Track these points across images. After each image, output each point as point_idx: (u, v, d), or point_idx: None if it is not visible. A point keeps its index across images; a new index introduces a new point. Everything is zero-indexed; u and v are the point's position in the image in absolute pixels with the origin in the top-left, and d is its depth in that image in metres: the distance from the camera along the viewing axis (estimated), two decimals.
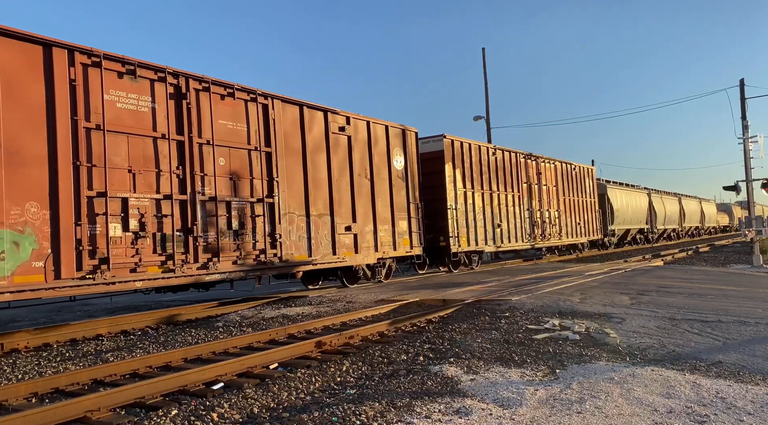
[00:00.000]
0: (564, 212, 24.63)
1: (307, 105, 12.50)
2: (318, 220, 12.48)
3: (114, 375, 6.29)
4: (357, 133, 14.01)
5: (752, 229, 23.09)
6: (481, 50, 32.77)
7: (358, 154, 13.96)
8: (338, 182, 13.20)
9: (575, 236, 25.60)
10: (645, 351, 6.62)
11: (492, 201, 19.53)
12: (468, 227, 18.03)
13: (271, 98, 11.66)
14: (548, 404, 4.74)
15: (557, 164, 24.52)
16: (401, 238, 15.08)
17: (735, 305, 10.06)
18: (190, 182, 9.95)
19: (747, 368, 5.84)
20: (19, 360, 7.47)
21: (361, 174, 13.99)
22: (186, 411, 4.89)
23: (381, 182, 14.63)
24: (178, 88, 10.03)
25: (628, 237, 34.45)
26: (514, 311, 9.36)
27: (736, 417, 4.40)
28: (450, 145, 17.68)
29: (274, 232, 11.30)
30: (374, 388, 5.35)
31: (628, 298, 10.79)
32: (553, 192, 23.96)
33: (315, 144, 12.66)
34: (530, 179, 22.23)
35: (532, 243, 21.91)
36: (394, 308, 10.53)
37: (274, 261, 11.24)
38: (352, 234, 13.43)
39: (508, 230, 20.27)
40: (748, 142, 23.75)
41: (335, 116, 13.34)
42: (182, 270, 9.57)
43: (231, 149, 10.77)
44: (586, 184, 27.17)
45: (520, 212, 21.12)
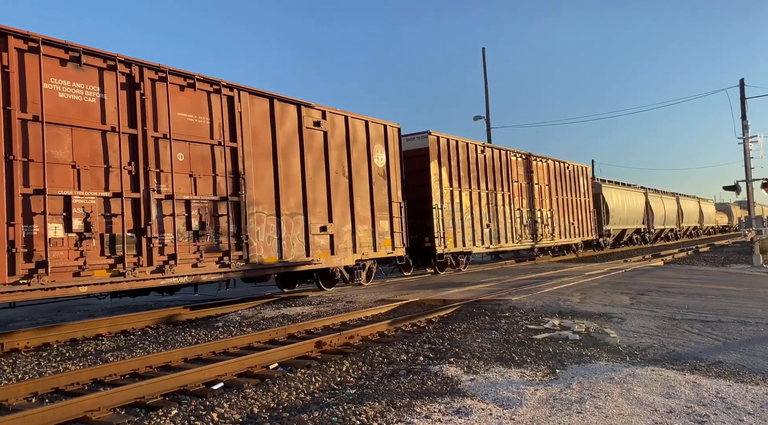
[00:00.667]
0: (557, 211, 24.00)
1: (278, 98, 11.80)
2: (290, 220, 11.78)
3: (114, 375, 6.29)
4: (334, 128, 13.30)
5: (752, 229, 23.08)
6: (481, 50, 32.77)
7: (336, 150, 13.27)
8: (313, 180, 12.50)
9: (569, 236, 24.98)
10: (645, 350, 6.62)
11: (481, 201, 18.94)
12: (455, 228, 17.41)
13: (237, 90, 10.97)
14: (548, 404, 4.74)
15: (550, 163, 23.91)
16: (382, 239, 14.41)
17: (735, 305, 10.06)
18: (143, 178, 9.24)
19: (747, 368, 5.84)
20: (19, 360, 7.47)
21: (339, 171, 13.30)
22: (186, 411, 4.89)
23: (360, 179, 13.94)
24: (131, 77, 9.29)
25: (624, 237, 33.98)
26: (514, 311, 9.36)
27: (736, 417, 4.40)
28: (435, 142, 17.10)
29: (239, 232, 10.63)
30: (374, 388, 5.35)
31: (628, 298, 10.79)
32: (546, 191, 23.35)
33: (287, 139, 11.98)
34: (522, 178, 21.67)
35: (523, 244, 21.33)
36: (394, 308, 10.53)
37: (240, 264, 10.59)
38: (328, 235, 12.75)
39: (497, 231, 19.69)
40: (748, 142, 23.75)
41: (310, 110, 12.63)
42: (134, 274, 8.87)
43: (191, 144, 10.06)
44: (580, 183, 26.59)
45: (510, 211, 20.58)
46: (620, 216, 31.74)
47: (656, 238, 40.09)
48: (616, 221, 31.06)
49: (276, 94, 11.79)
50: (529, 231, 21.78)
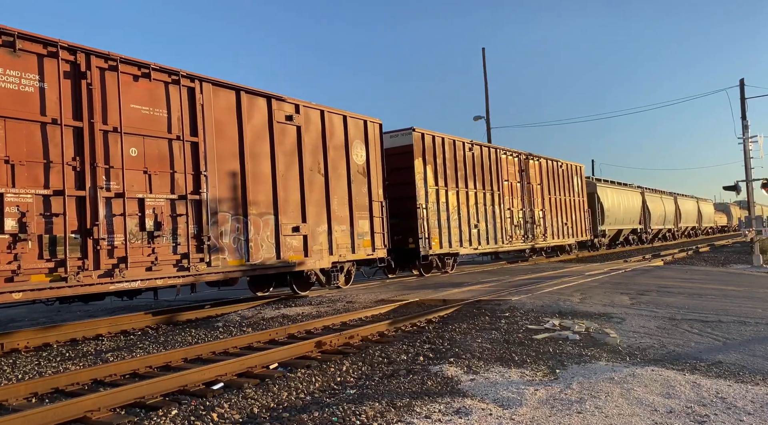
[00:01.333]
0: (550, 211, 23.45)
1: (245, 90, 11.09)
2: (258, 220, 11.05)
3: (114, 375, 6.29)
4: (309, 123, 12.54)
5: (752, 229, 23.08)
6: (481, 50, 32.77)
7: (310, 146, 12.50)
8: (285, 178, 11.75)
9: (562, 236, 24.40)
10: (645, 351, 6.62)
11: (469, 200, 18.30)
12: (440, 228, 16.76)
13: (199, 81, 10.24)
14: (548, 404, 4.74)
15: (543, 162, 23.35)
16: (361, 239, 13.68)
17: (735, 305, 10.06)
18: (90, 175, 8.51)
19: (747, 368, 5.84)
20: (19, 360, 7.47)
21: (314, 169, 12.55)
22: (186, 411, 4.89)
23: (338, 177, 13.20)
24: (76, 65, 8.56)
25: (620, 238, 33.45)
26: (514, 311, 9.36)
27: (736, 417, 4.40)
28: (420, 139, 16.44)
29: (201, 233, 9.90)
30: (374, 388, 5.35)
31: (628, 298, 10.79)
32: (538, 191, 22.79)
33: (256, 134, 11.25)
34: (513, 177, 21.12)
35: (514, 244, 20.76)
36: (394, 308, 10.53)
37: (201, 267, 9.84)
38: (301, 235, 11.98)
39: (486, 231, 19.04)
40: (748, 142, 23.77)
41: (281, 104, 11.86)
42: (78, 279, 8.12)
43: (146, 138, 9.34)
44: (574, 182, 25.97)
45: (501, 211, 19.98)
46: (616, 216, 31.17)
47: (654, 238, 39.57)
48: (611, 222, 30.49)
49: (243, 86, 11.07)
50: (521, 232, 21.21)
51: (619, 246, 34.00)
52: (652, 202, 37.72)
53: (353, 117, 13.94)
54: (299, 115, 12.28)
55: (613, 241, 32.91)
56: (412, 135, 16.22)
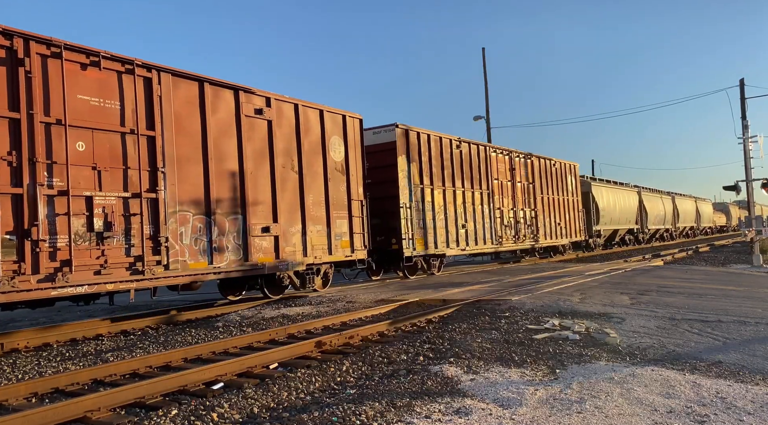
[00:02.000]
0: (542, 211, 22.80)
1: (209, 81, 10.44)
2: (224, 219, 10.50)
3: (114, 375, 6.29)
4: (281, 117, 11.90)
5: (752, 229, 23.09)
6: (481, 50, 32.77)
7: (283, 142, 11.89)
8: (254, 175, 11.16)
9: (555, 237, 23.71)
10: (645, 350, 6.62)
11: (456, 199, 17.63)
12: (425, 228, 16.13)
13: (157, 71, 9.59)
14: (548, 404, 4.74)
15: (534, 160, 22.73)
16: (339, 240, 13.05)
17: (735, 305, 10.07)
18: (28, 171, 7.88)
19: (747, 368, 5.85)
20: (19, 360, 7.47)
21: (287, 166, 11.92)
22: (186, 411, 4.89)
23: (313, 175, 12.56)
24: (12, 52, 7.95)
25: (616, 238, 32.80)
26: (514, 311, 9.36)
27: (736, 417, 4.40)
28: (403, 135, 15.77)
29: (157, 234, 9.29)
30: (374, 388, 5.35)
31: (628, 298, 10.79)
32: (530, 190, 22.22)
33: (221, 129, 10.65)
34: (503, 176, 20.49)
35: (504, 245, 20.07)
36: (394, 308, 10.53)
37: (158, 270, 9.20)
38: (272, 236, 11.39)
39: (474, 232, 18.37)
40: (748, 142, 23.77)
41: (250, 96, 11.24)
42: (12, 284, 7.52)
43: (96, 132, 8.70)
44: (567, 181, 25.30)
45: (490, 211, 19.34)
46: (611, 216, 30.63)
47: (651, 239, 39.07)
48: (606, 221, 29.91)
49: (207, 77, 10.43)
50: (512, 232, 20.61)
51: (616, 247, 33.50)
52: (649, 201, 37.19)
53: (331, 112, 13.27)
54: (270, 108, 11.59)
55: (609, 241, 32.40)
56: (395, 131, 15.56)
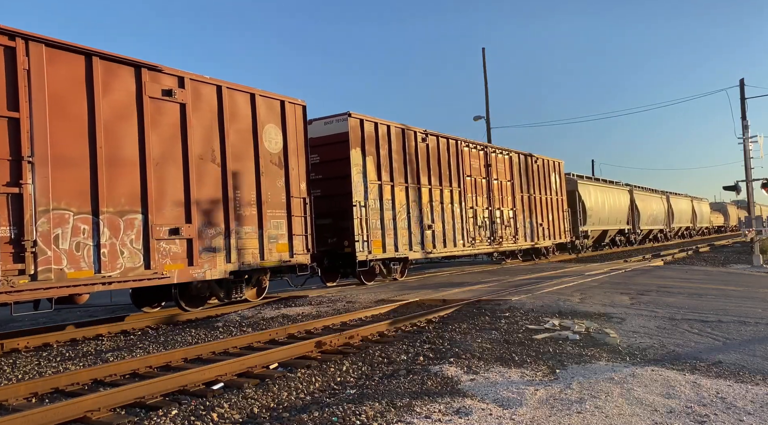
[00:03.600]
0: (522, 211, 21.42)
1: (100, 55, 8.95)
2: (117, 220, 8.94)
3: (114, 375, 6.29)
4: (199, 101, 10.41)
5: (752, 229, 23.09)
6: (482, 50, 32.76)
7: (201, 129, 10.38)
8: (161, 167, 9.63)
9: (537, 238, 22.30)
10: (645, 351, 6.62)
11: (421, 197, 16.13)
12: (384, 229, 14.57)
13: (24, 40, 8.09)
14: (548, 404, 4.74)
15: (513, 156, 21.31)
16: (274, 243, 11.54)
17: (735, 305, 10.07)
18: None
19: (747, 368, 5.85)
20: (19, 360, 7.47)
21: (206, 157, 10.42)
22: (186, 411, 4.89)
23: (242, 168, 11.10)
24: None
25: (605, 239, 31.45)
26: (514, 311, 9.36)
27: (736, 417, 4.40)
28: (358, 126, 14.29)
29: (21, 237, 7.74)
30: (374, 388, 5.36)
31: (628, 298, 10.79)
32: (508, 188, 20.75)
33: (117, 112, 9.13)
34: (477, 173, 19.00)
35: (478, 247, 18.67)
36: (394, 308, 10.53)
37: (21, 281, 7.70)
38: (184, 239, 9.85)
39: (443, 233, 16.89)
40: (748, 142, 23.78)
41: (157, 75, 9.72)
42: None
43: None
44: (551, 179, 23.82)
45: (461, 211, 17.83)
46: (600, 216, 29.10)
47: (644, 239, 37.86)
48: (595, 222, 28.43)
49: (96, 51, 8.93)
50: (486, 233, 19.12)
51: (606, 248, 32.37)
52: (642, 201, 35.76)
53: (265, 96, 11.77)
54: (184, 90, 10.11)
55: (598, 242, 31.16)
56: (348, 121, 14.10)
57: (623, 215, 32.69)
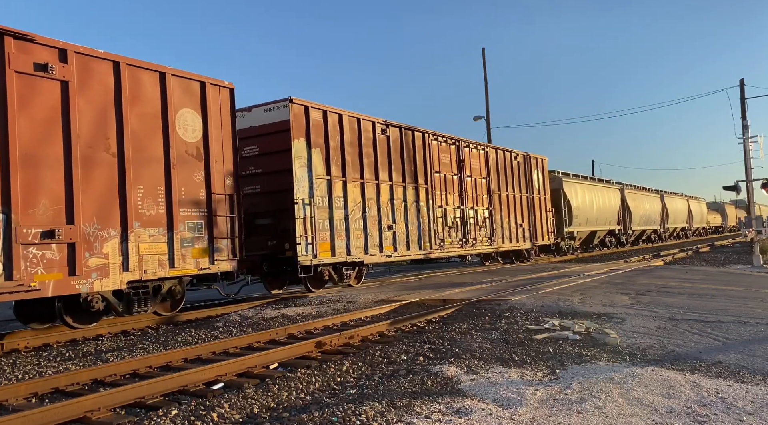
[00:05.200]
0: (499, 210, 19.93)
1: None
2: None
3: (114, 375, 6.29)
4: (89, 79, 8.88)
5: (752, 229, 23.10)
6: (482, 50, 32.75)
7: (92, 113, 8.87)
8: (32, 158, 8.11)
9: (516, 240, 20.88)
10: (645, 351, 6.63)
11: (380, 195, 14.53)
12: (334, 230, 13.01)
13: None
14: (548, 404, 4.74)
15: (490, 151, 19.81)
16: (189, 247, 9.92)
17: (735, 305, 10.07)
18: None
19: (747, 368, 5.85)
20: (19, 360, 7.47)
21: (97, 146, 8.89)
22: (186, 411, 4.89)
23: (146, 160, 9.48)
24: None
25: (594, 240, 29.99)
26: (514, 311, 9.36)
27: (736, 417, 4.40)
28: (302, 114, 12.67)
29: None
30: (374, 388, 5.36)
31: (628, 298, 10.79)
32: (483, 186, 19.19)
33: None
34: (448, 169, 17.49)
35: (447, 250, 17.07)
36: (394, 308, 10.54)
37: None
38: (64, 244, 8.29)
39: (406, 234, 15.29)
40: (748, 142, 23.80)
41: (27, 46, 8.20)
42: None
43: None
44: (533, 177, 22.38)
45: (429, 210, 16.28)
46: (587, 216, 27.64)
47: (636, 240, 36.69)
48: (582, 222, 26.95)
49: None
50: (458, 234, 17.59)
51: (596, 249, 31.19)
52: (634, 200, 34.43)
53: (180, 76, 10.16)
54: (67, 65, 8.59)
55: (587, 244, 29.78)
56: (290, 108, 12.47)
57: (613, 215, 31.35)
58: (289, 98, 12.47)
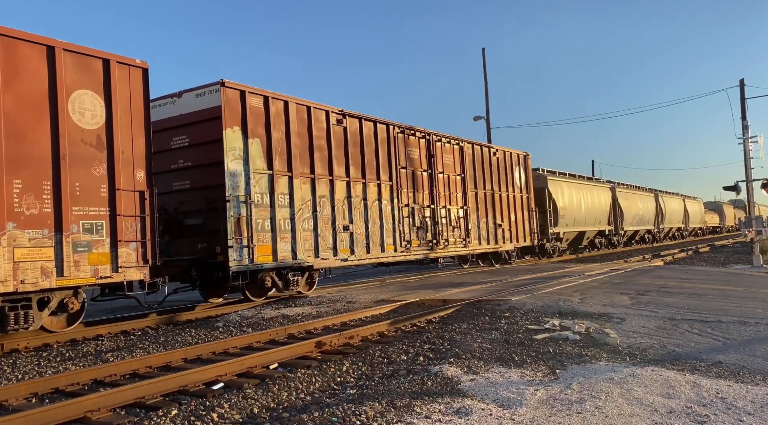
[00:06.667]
0: (476, 209, 18.35)
1: None
2: None
3: (114, 375, 6.29)
4: None
5: (752, 229, 23.11)
6: (482, 50, 32.75)
7: None
8: None
9: (495, 241, 19.28)
10: (645, 351, 6.63)
11: (334, 192, 13.00)
12: (276, 231, 11.43)
13: None
14: (548, 404, 4.74)
15: (465, 146, 18.15)
16: (85, 253, 8.46)
17: (735, 305, 10.07)
18: None
19: (747, 368, 5.85)
20: (19, 360, 7.47)
21: None
22: (186, 411, 4.89)
23: (27, 148, 7.98)
24: None
25: (583, 241, 28.41)
26: (514, 311, 9.36)
27: (736, 417, 4.40)
28: (237, 99, 11.09)
29: None
30: (374, 388, 5.36)
31: (628, 298, 10.80)
32: (457, 183, 17.62)
33: None
34: (415, 164, 15.90)
35: (414, 252, 15.51)
36: (394, 308, 10.54)
37: None
38: None
39: (367, 235, 13.82)
40: (748, 142, 23.82)
41: None
42: None
43: None
44: (514, 174, 20.92)
45: (393, 208, 14.77)
46: (575, 216, 26.16)
47: (629, 241, 35.35)
48: (569, 223, 25.48)
49: None
50: (427, 235, 16.03)
51: (586, 251, 29.73)
52: (626, 199, 32.88)
53: (75, 52, 8.67)
54: None
55: (574, 245, 28.19)
56: (222, 93, 10.84)
57: (603, 215, 29.70)
58: (221, 81, 10.92)
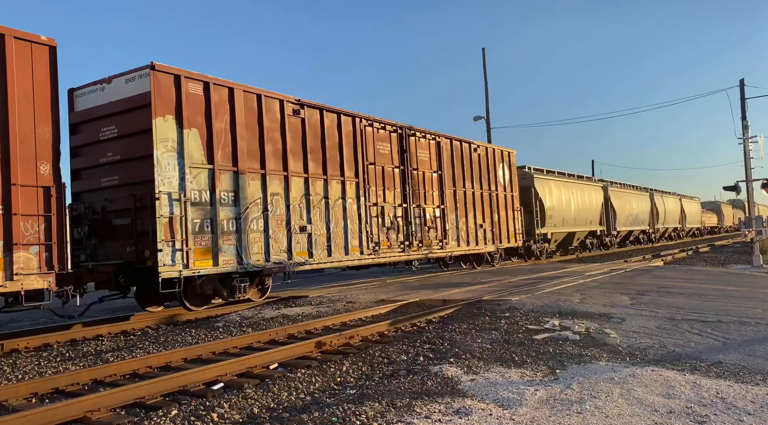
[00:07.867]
0: (454, 209, 17.24)
1: None
2: None
3: (114, 375, 6.29)
4: None
5: (752, 229, 23.11)
6: (481, 50, 32.74)
7: None
8: None
9: (475, 242, 18.14)
10: (645, 351, 6.63)
11: (290, 190, 11.85)
12: (218, 233, 10.33)
13: None
14: (548, 404, 4.74)
15: (442, 141, 16.91)
16: None
17: (735, 305, 10.07)
18: None
19: (747, 368, 5.85)
20: (19, 360, 7.47)
21: None
22: (186, 411, 4.90)
23: None
24: None
25: (573, 242, 27.32)
26: (514, 311, 9.36)
27: (736, 417, 4.40)
28: (171, 85, 9.97)
29: None
30: (374, 388, 5.36)
31: (628, 298, 10.80)
32: (434, 181, 16.46)
33: None
34: (385, 159, 14.77)
35: (383, 255, 14.43)
36: (394, 308, 10.53)
37: None
38: None
39: (328, 237, 12.67)
40: (748, 142, 23.82)
41: None
42: None
43: None
44: (498, 172, 19.79)
45: (361, 208, 13.67)
46: (564, 216, 25.03)
47: (623, 242, 34.38)
48: (557, 223, 24.40)
49: None
50: (399, 236, 14.94)
51: (576, 252, 28.70)
52: (619, 199, 31.75)
53: None
54: None
55: (564, 246, 27.16)
56: (152, 77, 9.70)
57: (595, 215, 28.58)
58: (151, 65, 9.74)
